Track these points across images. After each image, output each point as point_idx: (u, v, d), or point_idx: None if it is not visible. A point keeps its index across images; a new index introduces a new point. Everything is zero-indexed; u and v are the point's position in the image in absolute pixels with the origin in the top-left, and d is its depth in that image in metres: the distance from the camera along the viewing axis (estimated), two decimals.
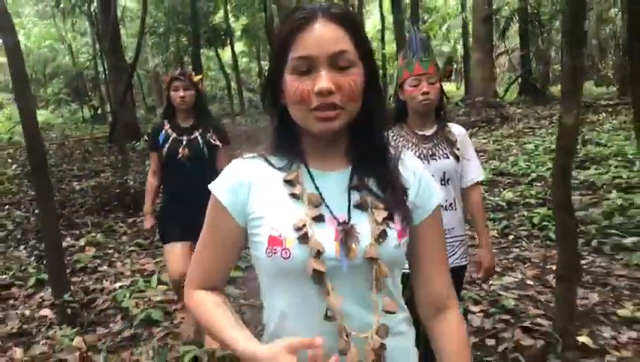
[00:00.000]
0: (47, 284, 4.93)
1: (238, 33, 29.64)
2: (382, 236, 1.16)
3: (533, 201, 6.24)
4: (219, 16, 25.61)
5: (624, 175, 6.78)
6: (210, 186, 1.27)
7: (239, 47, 34.06)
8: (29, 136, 4.74)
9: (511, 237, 5.40)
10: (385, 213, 1.18)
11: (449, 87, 27.15)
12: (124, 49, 17.91)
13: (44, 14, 24.03)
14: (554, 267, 4.44)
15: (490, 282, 4.24)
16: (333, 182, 1.22)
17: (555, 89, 19.37)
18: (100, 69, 19.74)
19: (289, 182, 1.21)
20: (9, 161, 10.63)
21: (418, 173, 1.28)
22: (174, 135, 3.51)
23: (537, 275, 4.50)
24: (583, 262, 4.61)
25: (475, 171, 2.64)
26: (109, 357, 3.64)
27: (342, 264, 1.14)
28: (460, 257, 2.60)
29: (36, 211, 6.76)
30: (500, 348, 3.31)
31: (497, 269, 4.32)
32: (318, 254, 1.12)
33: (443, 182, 2.54)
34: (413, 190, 1.25)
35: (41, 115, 16.93)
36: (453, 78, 27.96)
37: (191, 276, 1.33)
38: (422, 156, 2.53)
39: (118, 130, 10.25)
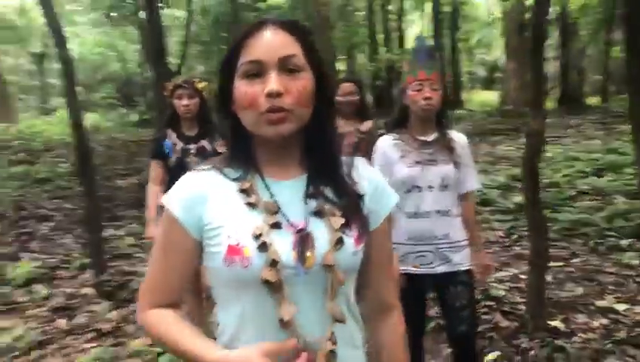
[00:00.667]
0: (88, 268, 5.51)
1: None
2: (339, 243, 1.16)
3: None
4: None
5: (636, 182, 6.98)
6: (162, 199, 1.25)
7: None
8: (77, 137, 5.39)
9: (514, 236, 5.73)
10: (342, 220, 1.18)
11: (489, 95, 27.12)
12: (170, 56, 18.76)
13: (96, 23, 25.14)
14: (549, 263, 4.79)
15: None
16: (289, 190, 1.21)
17: (592, 100, 19.31)
18: (148, 75, 20.63)
19: (244, 191, 1.19)
20: (61, 159, 11.43)
21: (373, 179, 1.30)
22: (181, 144, 3.45)
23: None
24: (576, 260, 4.93)
25: (471, 180, 2.72)
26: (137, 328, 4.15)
27: (299, 271, 1.14)
28: (458, 263, 2.63)
29: (83, 204, 7.40)
30: (479, 329, 3.70)
31: (496, 265, 4.66)
32: (274, 263, 1.11)
33: (442, 188, 2.61)
34: (369, 196, 1.26)
35: (92, 118, 17.87)
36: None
37: (143, 297, 1.26)
38: (422, 161, 2.61)
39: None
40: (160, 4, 13.64)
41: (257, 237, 1.12)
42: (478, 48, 32.06)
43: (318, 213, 1.18)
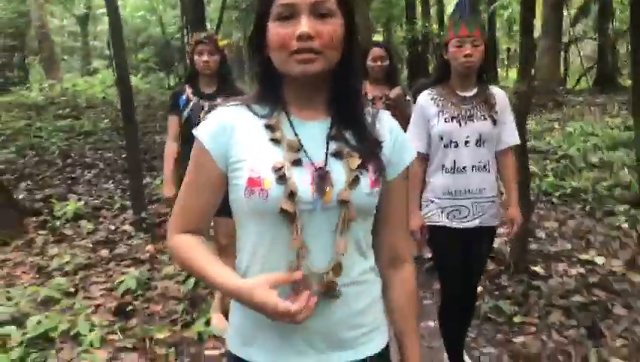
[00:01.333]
0: (128, 209, 6.11)
1: None
2: (355, 182, 1.21)
3: (550, 173, 6.88)
4: None
5: None
6: (193, 131, 1.30)
7: None
8: (122, 93, 5.96)
9: None
10: (359, 161, 1.23)
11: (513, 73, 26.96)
12: (209, 22, 19.21)
13: None
14: (546, 223, 5.22)
15: None
16: (313, 130, 1.26)
17: (627, 81, 19.15)
18: (186, 40, 21.19)
19: (269, 127, 1.24)
20: (102, 116, 12.12)
21: (395, 131, 1.35)
22: (195, 99, 3.37)
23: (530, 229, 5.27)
24: (572, 221, 5.32)
25: (510, 135, 2.71)
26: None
27: (316, 206, 1.19)
28: (490, 217, 2.69)
29: (123, 155, 8.02)
30: None
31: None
32: (292, 195, 1.16)
33: (478, 144, 2.61)
34: (388, 146, 1.31)
35: (132, 80, 18.52)
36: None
37: (173, 221, 1.33)
38: (460, 117, 2.61)
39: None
40: None
41: (277, 170, 1.17)
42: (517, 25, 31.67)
43: (338, 155, 1.23)
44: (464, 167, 2.62)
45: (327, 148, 1.23)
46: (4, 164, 7.99)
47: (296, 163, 1.19)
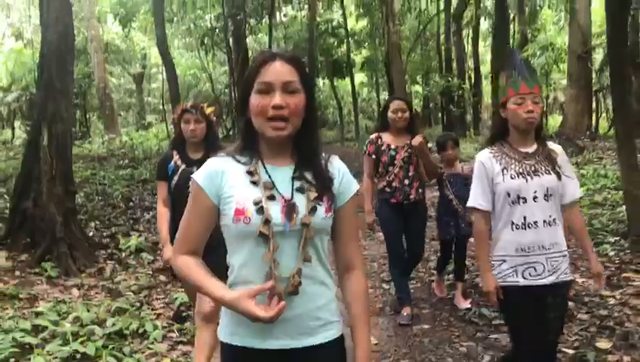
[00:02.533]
0: None
1: (358, 65, 31.76)
2: (313, 210, 1.62)
3: None
4: (342, 50, 27.75)
5: None
6: (192, 176, 1.68)
7: (360, 77, 36.29)
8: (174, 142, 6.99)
9: None
10: (316, 194, 1.63)
11: (554, 120, 27.41)
12: None
13: (189, 47, 27.52)
14: None
15: None
16: (282, 173, 1.66)
17: None
18: (233, 95, 22.67)
19: (250, 173, 1.64)
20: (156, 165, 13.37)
21: (342, 170, 1.75)
22: (184, 166, 3.40)
23: None
24: None
25: (574, 189, 2.73)
26: None
27: (285, 228, 1.58)
28: (563, 272, 2.65)
29: None
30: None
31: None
32: (267, 221, 1.56)
33: (546, 198, 2.61)
34: (337, 181, 1.71)
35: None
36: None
37: (177, 246, 1.71)
38: (525, 172, 2.63)
39: None
40: (246, 32, 15.57)
41: (257, 203, 1.58)
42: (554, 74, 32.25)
43: (301, 190, 1.64)
44: (535, 222, 2.61)
45: (293, 186, 1.64)
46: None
47: (271, 198, 1.61)
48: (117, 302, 5.06)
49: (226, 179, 1.65)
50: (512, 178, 2.63)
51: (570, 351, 3.71)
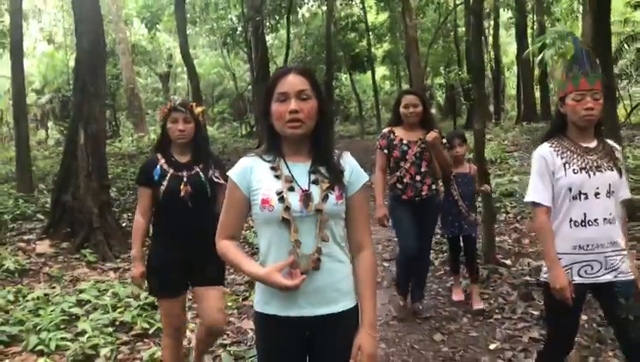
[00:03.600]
0: None
1: (379, 59, 32.11)
2: (325, 198, 1.92)
3: None
4: (363, 44, 28.15)
5: None
6: (228, 173, 2.01)
7: (382, 71, 36.65)
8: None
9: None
10: (328, 185, 1.94)
11: None
12: None
13: (213, 45, 28.25)
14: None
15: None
16: (300, 169, 1.97)
17: None
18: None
19: (274, 168, 1.96)
20: None
21: (352, 164, 2.03)
22: (172, 170, 3.11)
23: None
24: None
25: (626, 188, 2.65)
26: None
27: (303, 213, 1.91)
28: (625, 272, 2.54)
29: None
30: None
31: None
32: (287, 208, 1.89)
33: (608, 195, 2.53)
34: (347, 174, 2.00)
35: (208, 130, 20.71)
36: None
37: (219, 231, 2.04)
38: (587, 167, 2.52)
39: (260, 143, 13.37)
40: (266, 30, 16.23)
41: (279, 193, 1.91)
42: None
43: (315, 182, 1.95)
44: (595, 220, 2.52)
45: (309, 179, 1.95)
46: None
47: (291, 189, 1.92)
48: None
49: (254, 175, 1.97)
50: (575, 173, 2.53)
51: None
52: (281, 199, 1.90)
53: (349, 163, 2.04)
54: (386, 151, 4.31)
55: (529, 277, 4.95)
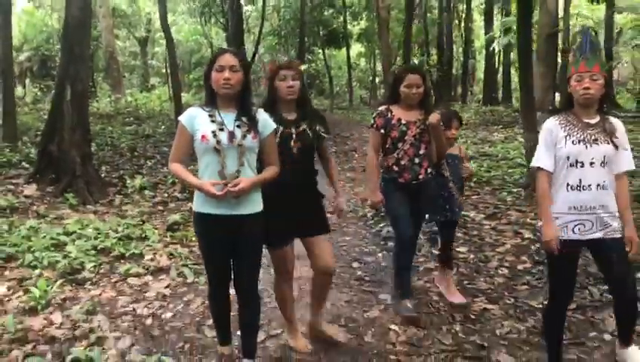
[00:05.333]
0: (177, 183, 8.72)
1: (355, 36, 32.85)
2: (244, 137, 2.88)
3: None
4: (339, 21, 28.86)
5: None
6: (179, 118, 2.97)
7: (358, 48, 37.43)
8: (176, 106, 8.57)
9: None
10: (247, 128, 2.90)
11: None
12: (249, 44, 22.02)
13: (193, 13, 28.73)
14: None
15: None
16: (229, 117, 2.91)
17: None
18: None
19: (211, 116, 2.90)
20: (160, 123, 14.99)
21: (264, 117, 3.01)
22: (282, 128, 3.28)
23: None
24: (476, 197, 7.64)
25: (627, 161, 2.98)
26: None
27: (228, 146, 2.85)
28: (613, 231, 2.93)
29: None
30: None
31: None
32: (218, 142, 2.83)
33: (602, 165, 2.90)
34: (261, 124, 2.97)
35: (184, 97, 21.38)
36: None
37: (171, 157, 2.97)
38: (585, 140, 2.90)
39: None
40: (245, 1, 17.01)
41: (213, 132, 2.84)
42: None
43: (239, 126, 2.89)
44: (589, 185, 2.90)
45: (234, 124, 2.90)
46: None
47: (221, 130, 2.87)
48: (125, 219, 6.72)
49: (197, 120, 2.91)
50: (574, 144, 2.90)
51: None
52: (214, 135, 2.84)
53: (262, 116, 3.02)
54: (382, 131, 3.99)
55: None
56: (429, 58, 25.32)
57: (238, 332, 3.37)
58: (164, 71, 30.51)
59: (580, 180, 2.90)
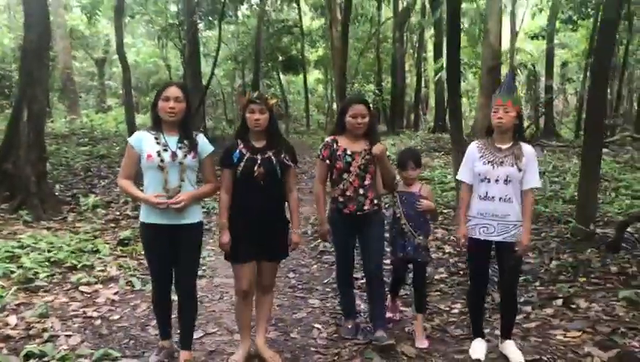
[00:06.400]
0: (129, 202, 9.10)
1: (313, 63, 33.62)
2: (185, 156, 3.44)
3: None
4: (297, 48, 29.54)
5: None
6: (128, 139, 3.57)
7: (316, 74, 38.27)
8: (130, 128, 8.94)
9: None
10: (187, 149, 3.45)
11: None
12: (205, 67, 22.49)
13: (151, 36, 29.02)
14: None
15: None
16: (172, 139, 3.45)
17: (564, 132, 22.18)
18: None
19: (156, 138, 3.43)
20: (114, 144, 15.26)
21: (203, 141, 3.56)
22: (248, 154, 3.62)
23: None
24: None
25: (531, 180, 3.60)
26: None
27: (172, 164, 3.40)
28: (511, 235, 3.60)
29: None
30: None
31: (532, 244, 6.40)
32: (162, 161, 3.37)
33: (506, 182, 3.56)
34: (200, 147, 3.51)
35: (140, 118, 21.52)
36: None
37: (120, 174, 3.54)
38: (494, 161, 3.58)
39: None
40: (203, 27, 17.53)
41: (157, 152, 3.40)
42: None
43: (180, 148, 3.45)
44: (493, 197, 3.60)
45: (177, 145, 3.45)
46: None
47: (165, 150, 3.41)
48: (77, 235, 7.08)
49: (143, 141, 3.44)
50: (484, 164, 3.60)
51: None
52: (159, 155, 3.38)
53: (201, 140, 3.58)
54: (327, 161, 4.03)
55: None
56: (379, 87, 26.16)
57: (179, 331, 3.82)
58: (120, 91, 30.58)
59: (487, 192, 3.60)
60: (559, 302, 4.76)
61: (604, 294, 4.88)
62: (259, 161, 3.59)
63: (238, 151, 3.63)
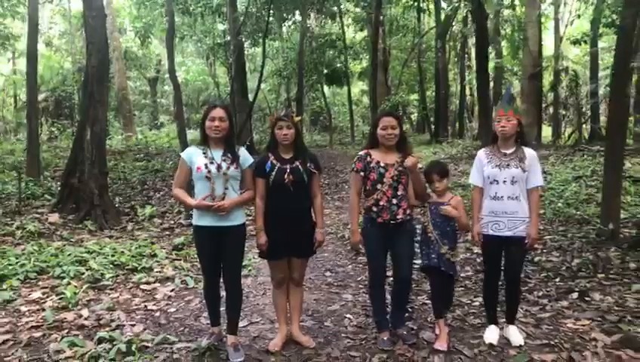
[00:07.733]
0: (183, 212, 9.82)
1: (356, 75, 34.15)
2: (229, 168, 4.00)
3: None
4: (341, 60, 30.09)
5: None
6: (181, 154, 4.18)
7: (360, 86, 38.78)
8: (182, 144, 9.70)
9: None
10: (230, 161, 4.02)
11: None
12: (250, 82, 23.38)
13: (201, 54, 30.16)
14: None
15: None
16: (218, 153, 4.03)
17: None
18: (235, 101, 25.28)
19: (204, 153, 4.03)
20: (168, 159, 16.18)
21: (244, 153, 4.12)
22: (279, 165, 4.10)
23: None
24: None
25: (535, 180, 4.02)
26: None
27: (218, 175, 3.98)
28: (520, 231, 4.00)
29: None
30: None
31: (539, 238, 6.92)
32: (209, 172, 3.95)
33: (512, 183, 3.99)
34: (241, 159, 4.07)
35: (191, 134, 22.49)
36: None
37: (174, 183, 4.17)
38: (500, 165, 4.02)
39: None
40: (249, 44, 18.32)
41: (205, 165, 3.99)
42: None
43: (225, 160, 4.03)
44: (502, 197, 4.02)
45: (222, 158, 4.04)
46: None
47: (212, 163, 4.01)
48: (137, 242, 7.81)
49: (194, 156, 4.04)
50: (492, 168, 4.04)
51: None
52: (206, 167, 3.95)
53: (242, 153, 4.13)
54: (362, 173, 4.22)
55: None
56: (422, 96, 26.42)
57: (226, 321, 4.34)
58: (172, 109, 31.78)
59: (496, 193, 4.02)
60: (575, 295, 5.13)
61: (619, 288, 5.22)
62: (288, 170, 4.06)
63: (269, 162, 4.10)
